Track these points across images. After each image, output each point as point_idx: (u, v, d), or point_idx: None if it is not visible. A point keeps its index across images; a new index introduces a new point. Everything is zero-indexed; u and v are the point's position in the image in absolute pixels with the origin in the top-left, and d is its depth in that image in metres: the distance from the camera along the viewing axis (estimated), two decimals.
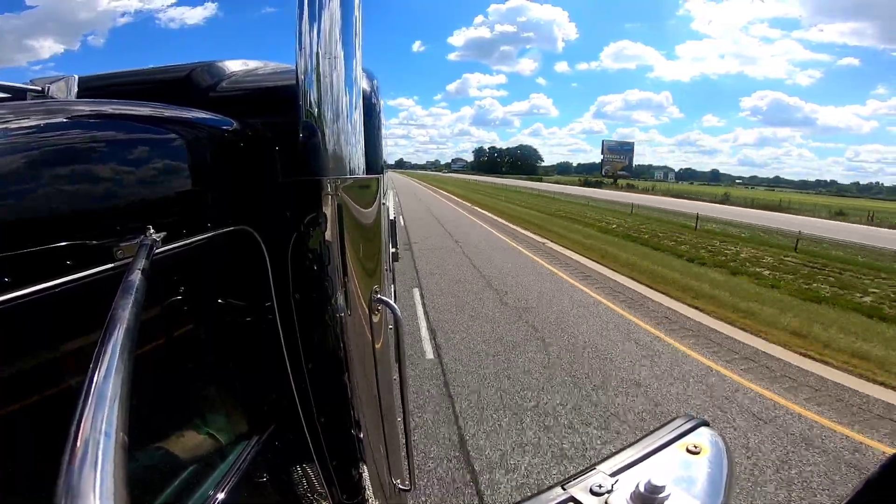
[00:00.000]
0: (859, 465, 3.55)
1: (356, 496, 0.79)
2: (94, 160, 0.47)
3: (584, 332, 6.07)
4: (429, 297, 7.36)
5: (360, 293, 0.72)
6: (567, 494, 0.42)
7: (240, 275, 0.71)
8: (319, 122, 0.62)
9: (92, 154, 0.47)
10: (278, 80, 0.84)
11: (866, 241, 18.39)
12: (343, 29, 0.64)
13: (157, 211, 0.54)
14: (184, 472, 0.66)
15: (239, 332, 0.74)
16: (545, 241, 14.19)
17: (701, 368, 5.12)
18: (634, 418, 4.00)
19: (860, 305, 8.31)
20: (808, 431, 3.95)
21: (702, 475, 0.46)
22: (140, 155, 0.53)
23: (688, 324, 6.68)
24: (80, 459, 0.26)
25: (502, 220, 20.11)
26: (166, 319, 0.61)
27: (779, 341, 6.05)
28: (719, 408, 4.29)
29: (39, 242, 0.41)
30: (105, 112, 0.52)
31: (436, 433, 3.65)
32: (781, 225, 22.33)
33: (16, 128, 0.41)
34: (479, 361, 5.02)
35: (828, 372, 5.23)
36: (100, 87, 0.94)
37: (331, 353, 0.71)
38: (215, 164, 0.65)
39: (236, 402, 0.77)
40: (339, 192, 0.65)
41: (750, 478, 3.27)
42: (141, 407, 0.35)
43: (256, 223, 0.68)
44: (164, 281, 0.54)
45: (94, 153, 0.47)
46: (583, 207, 29.14)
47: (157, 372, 0.54)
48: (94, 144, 0.47)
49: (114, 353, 0.34)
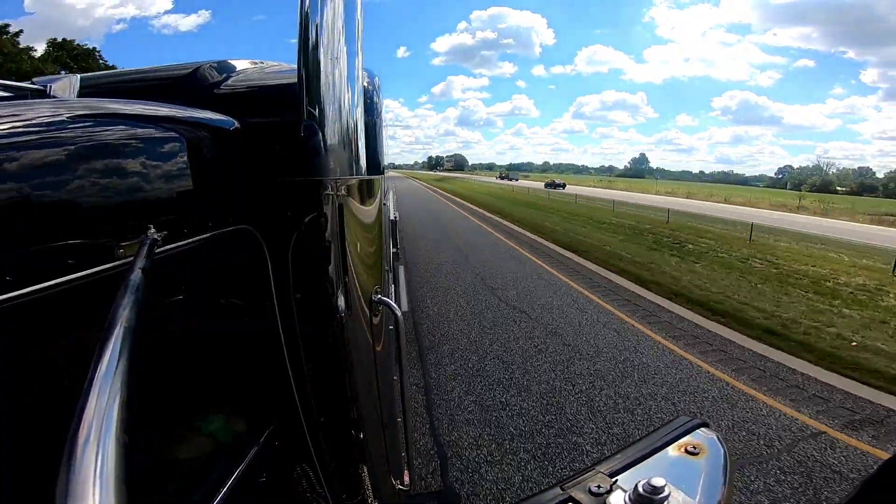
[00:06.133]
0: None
1: (356, 496, 0.79)
2: (95, 159, 0.47)
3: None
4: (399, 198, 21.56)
5: (361, 293, 0.72)
6: (565, 495, 0.42)
7: (241, 274, 0.71)
8: (321, 122, 0.62)
9: (93, 153, 0.47)
10: (280, 79, 0.84)
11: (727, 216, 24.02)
12: (344, 28, 0.64)
13: (159, 210, 0.54)
14: (184, 472, 0.66)
15: (239, 331, 0.74)
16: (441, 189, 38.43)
17: (511, 249, 11.19)
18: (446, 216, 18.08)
19: (647, 242, 13.05)
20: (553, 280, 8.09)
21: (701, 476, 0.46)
22: (141, 154, 0.53)
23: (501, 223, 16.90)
24: (81, 459, 0.26)
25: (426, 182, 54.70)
26: (167, 318, 0.61)
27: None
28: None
29: (41, 241, 0.41)
30: (106, 111, 0.52)
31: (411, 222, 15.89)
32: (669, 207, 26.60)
33: (18, 127, 0.41)
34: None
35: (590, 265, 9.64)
36: (101, 87, 0.94)
37: (331, 352, 0.71)
38: (217, 163, 0.65)
39: (237, 401, 0.77)
40: (340, 191, 0.65)
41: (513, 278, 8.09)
42: (141, 406, 0.35)
43: (257, 222, 0.68)
44: (166, 280, 0.54)
45: (96, 152, 0.47)
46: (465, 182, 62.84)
47: (158, 371, 0.54)
48: (95, 143, 0.47)
49: (115, 351, 0.34)
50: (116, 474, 0.26)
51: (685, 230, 16.06)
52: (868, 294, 7.92)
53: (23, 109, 0.45)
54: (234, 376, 0.75)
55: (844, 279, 9.08)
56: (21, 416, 0.43)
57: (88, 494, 0.25)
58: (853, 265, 10.92)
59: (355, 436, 0.76)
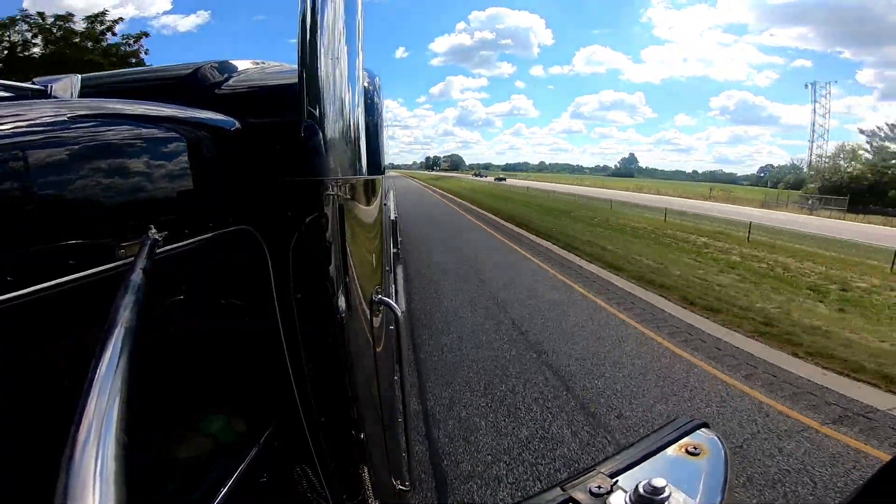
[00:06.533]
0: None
1: (356, 496, 0.78)
2: (96, 159, 0.47)
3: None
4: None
5: (361, 293, 0.72)
6: (566, 495, 0.42)
7: (241, 274, 0.71)
8: (321, 122, 0.62)
9: (94, 153, 0.47)
10: (280, 79, 0.84)
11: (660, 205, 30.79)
12: (345, 28, 0.64)
13: (160, 210, 0.54)
14: (184, 472, 0.66)
15: (240, 331, 0.74)
16: (435, 187, 48.94)
17: (450, 207, 23.73)
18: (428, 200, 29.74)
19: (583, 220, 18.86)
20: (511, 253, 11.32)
21: (701, 477, 0.46)
22: (142, 154, 0.53)
23: (471, 207, 23.86)
24: (80, 459, 0.26)
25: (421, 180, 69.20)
26: (168, 319, 0.61)
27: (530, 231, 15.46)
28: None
29: (42, 241, 0.41)
30: (107, 111, 0.52)
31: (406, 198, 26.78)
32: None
33: (18, 127, 0.41)
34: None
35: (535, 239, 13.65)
36: (102, 87, 0.94)
37: (331, 353, 0.70)
38: (217, 163, 0.65)
39: (237, 401, 0.77)
40: (340, 192, 0.65)
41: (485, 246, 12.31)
42: (142, 406, 0.35)
43: (258, 223, 0.68)
44: (166, 280, 0.54)
45: (97, 152, 0.47)
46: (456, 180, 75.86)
47: (159, 371, 0.54)
48: (96, 143, 0.47)
49: (115, 352, 0.34)
50: (117, 474, 0.26)
51: (582, 208, 24.28)
52: (652, 229, 15.82)
53: (25, 109, 0.45)
54: (234, 376, 0.75)
55: (650, 228, 16.30)
56: (21, 415, 0.43)
57: (88, 495, 0.25)
58: (666, 222, 18.83)
59: (356, 436, 0.76)
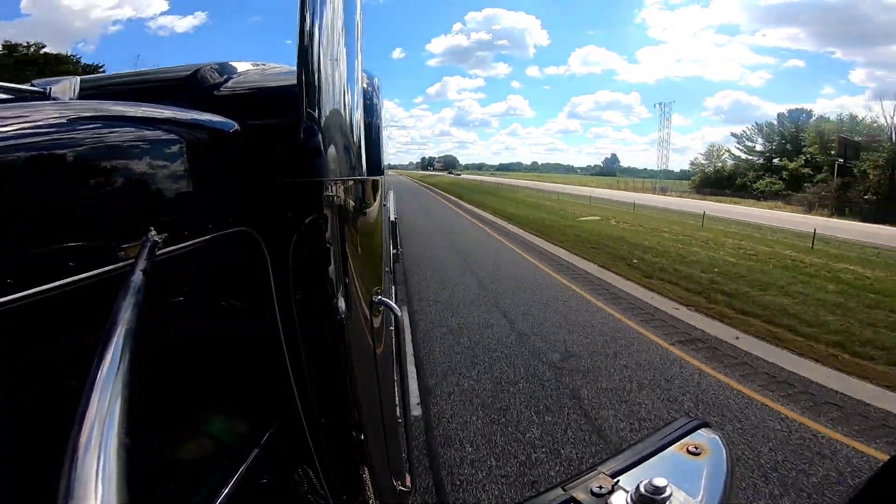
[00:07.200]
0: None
1: (357, 497, 0.78)
2: (95, 161, 0.47)
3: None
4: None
5: (361, 294, 0.72)
6: (567, 495, 0.42)
7: (241, 276, 0.71)
8: (320, 123, 0.62)
9: (94, 155, 0.47)
10: (279, 81, 0.84)
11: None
12: (344, 29, 0.64)
13: (160, 212, 0.54)
14: (185, 474, 0.66)
15: (240, 333, 0.74)
16: (419, 181, 71.05)
17: (430, 193, 41.20)
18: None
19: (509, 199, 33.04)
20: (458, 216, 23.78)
21: (702, 476, 0.46)
22: (141, 156, 0.53)
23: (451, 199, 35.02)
24: (81, 460, 0.26)
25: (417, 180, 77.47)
26: (168, 320, 0.61)
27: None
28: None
29: (41, 243, 0.41)
30: (106, 113, 0.52)
31: (403, 196, 32.52)
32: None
33: (18, 129, 0.41)
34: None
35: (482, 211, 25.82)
36: (101, 89, 0.95)
37: (331, 354, 0.70)
38: (216, 164, 0.65)
39: (238, 403, 0.77)
40: (340, 193, 0.65)
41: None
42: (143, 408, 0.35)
43: (257, 224, 0.68)
44: (167, 282, 0.54)
45: (97, 154, 0.47)
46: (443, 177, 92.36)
47: (159, 373, 0.54)
48: (94, 145, 0.47)
49: (115, 354, 0.34)
50: (118, 476, 0.26)
51: (494, 190, 38.22)
52: (521, 198, 31.97)
53: (26, 112, 0.45)
54: (234, 378, 0.75)
55: (519, 197, 32.71)
56: (22, 417, 0.43)
57: (90, 496, 0.25)
58: (538, 195, 34.72)
59: (356, 437, 0.76)
